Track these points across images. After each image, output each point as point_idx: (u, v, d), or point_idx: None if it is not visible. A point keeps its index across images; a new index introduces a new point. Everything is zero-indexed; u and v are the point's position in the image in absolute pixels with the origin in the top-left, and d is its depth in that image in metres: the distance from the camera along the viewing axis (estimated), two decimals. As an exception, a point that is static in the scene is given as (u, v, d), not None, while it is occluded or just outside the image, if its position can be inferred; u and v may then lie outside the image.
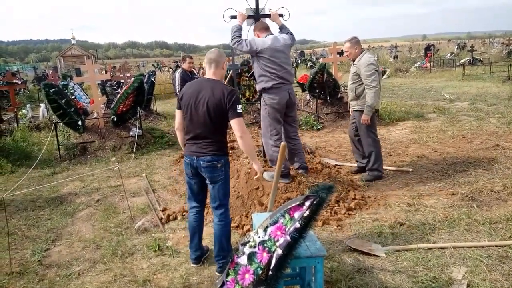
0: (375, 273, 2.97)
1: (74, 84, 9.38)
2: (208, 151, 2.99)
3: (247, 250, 2.27)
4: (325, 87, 8.55)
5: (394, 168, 5.35)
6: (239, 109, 2.94)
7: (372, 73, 4.57)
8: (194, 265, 3.30)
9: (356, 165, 5.33)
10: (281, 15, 4.66)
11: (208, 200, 3.39)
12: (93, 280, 3.18)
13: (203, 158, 2.99)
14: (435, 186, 4.64)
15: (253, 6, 4.69)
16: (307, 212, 2.10)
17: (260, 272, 2.13)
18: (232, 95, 2.93)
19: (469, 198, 4.20)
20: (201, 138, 3.01)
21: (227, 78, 7.75)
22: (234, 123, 2.94)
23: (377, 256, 3.20)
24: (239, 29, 4.29)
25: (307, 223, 2.10)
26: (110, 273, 3.25)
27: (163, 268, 3.28)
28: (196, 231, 3.26)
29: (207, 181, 3.09)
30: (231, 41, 4.24)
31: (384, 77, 9.17)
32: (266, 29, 4.37)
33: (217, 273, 3.12)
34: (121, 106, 7.33)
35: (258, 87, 4.34)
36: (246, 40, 4.22)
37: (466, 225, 3.61)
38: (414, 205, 4.11)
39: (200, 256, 3.32)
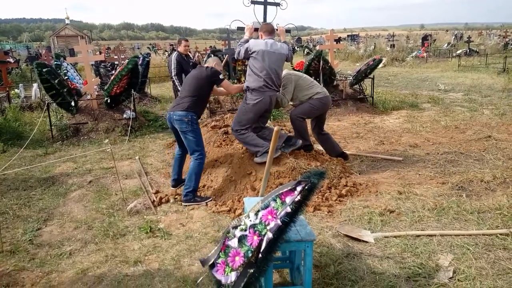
0: (363, 258, 3.02)
1: (68, 65, 9.24)
2: (179, 108, 4.02)
3: (238, 233, 2.28)
4: (320, 74, 8.52)
5: (386, 157, 5.39)
6: (221, 76, 4.13)
7: (284, 84, 4.82)
8: (173, 188, 4.48)
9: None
10: (288, 31, 4.66)
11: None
12: (84, 260, 3.19)
13: (175, 113, 4.03)
14: (426, 175, 4.69)
15: (261, 20, 4.70)
16: (298, 197, 2.11)
17: (250, 255, 2.15)
18: (213, 71, 4.10)
19: (459, 187, 4.25)
20: (181, 99, 4.10)
21: (223, 62, 7.69)
22: (222, 87, 4.32)
23: (366, 242, 3.25)
24: (244, 41, 4.42)
25: (298, 207, 2.11)
26: (101, 253, 3.27)
27: (154, 249, 3.31)
28: (177, 162, 4.48)
29: (180, 133, 4.08)
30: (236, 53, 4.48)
31: (380, 66, 9.24)
32: (270, 32, 4.44)
33: (183, 203, 4.10)
34: (115, 88, 7.25)
35: (245, 85, 4.42)
36: (241, 47, 4.34)
37: (454, 214, 3.66)
38: (404, 193, 4.15)
39: (176, 180, 4.49)
